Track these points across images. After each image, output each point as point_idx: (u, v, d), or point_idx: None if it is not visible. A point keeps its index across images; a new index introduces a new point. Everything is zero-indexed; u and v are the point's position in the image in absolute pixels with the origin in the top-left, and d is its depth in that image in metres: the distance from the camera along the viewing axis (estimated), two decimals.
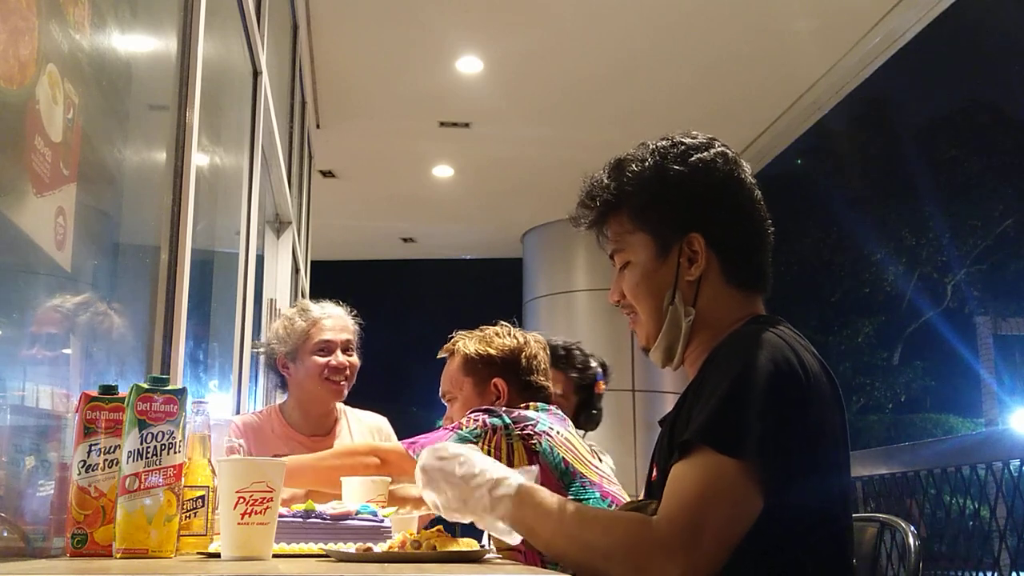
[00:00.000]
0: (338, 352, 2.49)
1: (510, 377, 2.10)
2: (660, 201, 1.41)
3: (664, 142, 1.45)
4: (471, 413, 1.96)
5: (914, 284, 18.05)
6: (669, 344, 1.41)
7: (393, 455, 1.97)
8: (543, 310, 8.06)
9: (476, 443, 1.91)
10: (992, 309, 17.77)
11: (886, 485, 4.70)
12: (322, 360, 2.47)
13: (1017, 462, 3.98)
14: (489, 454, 1.91)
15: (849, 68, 5.44)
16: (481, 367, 2.11)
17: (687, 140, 1.44)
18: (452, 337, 2.21)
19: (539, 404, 2.06)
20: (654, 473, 1.40)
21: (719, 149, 1.44)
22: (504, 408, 1.97)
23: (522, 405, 2.05)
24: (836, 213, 17.84)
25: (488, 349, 2.12)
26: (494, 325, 2.21)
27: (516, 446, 1.88)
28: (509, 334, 2.16)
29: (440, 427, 2.05)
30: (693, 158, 1.41)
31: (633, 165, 1.44)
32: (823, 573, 1.27)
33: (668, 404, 1.72)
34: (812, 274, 18.19)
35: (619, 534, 1.19)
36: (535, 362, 2.14)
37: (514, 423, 1.90)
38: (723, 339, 1.33)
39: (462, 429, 1.92)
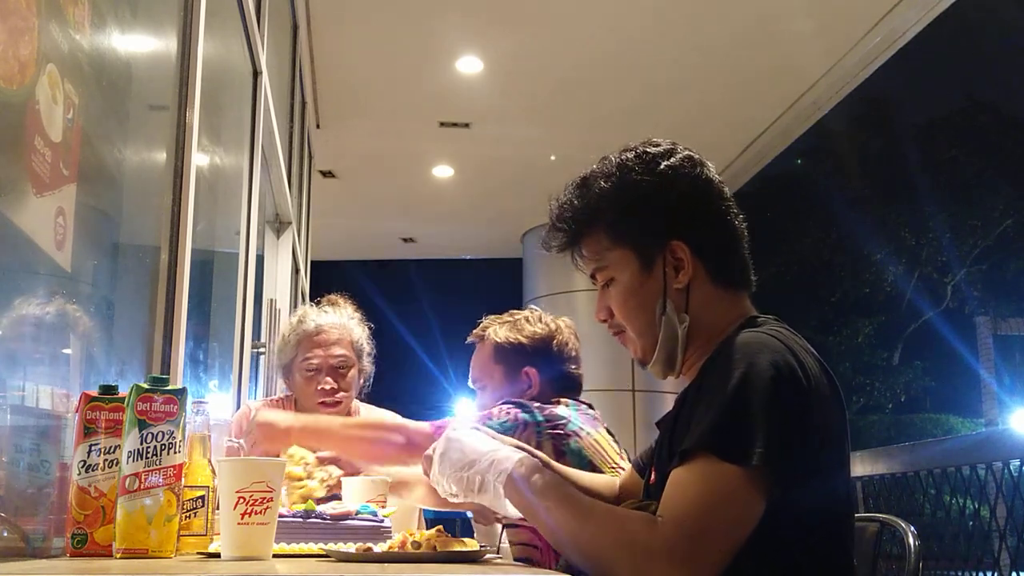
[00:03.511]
0: (327, 377, 2.40)
1: (541, 365, 2.05)
2: (635, 214, 1.39)
3: (628, 154, 1.43)
4: (503, 404, 1.93)
5: (914, 284, 18.04)
6: (668, 354, 1.39)
7: (419, 436, 1.90)
8: (543, 310, 8.05)
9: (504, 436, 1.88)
10: (992, 309, 17.75)
11: (886, 485, 4.70)
12: (310, 383, 2.40)
13: (1017, 462, 3.97)
14: None
15: (849, 68, 5.44)
16: (512, 355, 2.06)
17: (650, 149, 1.43)
18: (482, 322, 2.15)
19: (570, 401, 2.02)
20: (652, 475, 1.40)
21: (684, 153, 1.43)
22: (537, 404, 1.93)
23: (554, 400, 2.01)
24: (836, 213, 17.82)
25: (519, 337, 2.07)
26: (524, 309, 2.16)
27: (545, 444, 1.85)
28: (540, 320, 2.11)
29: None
30: (661, 166, 1.40)
31: (601, 181, 1.42)
32: (824, 573, 1.27)
33: (668, 404, 1.72)
34: (812, 274, 18.17)
35: (625, 532, 1.19)
36: (567, 349, 2.10)
37: (546, 421, 1.88)
38: (721, 343, 1.32)
39: (492, 419, 1.88)
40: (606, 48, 5.30)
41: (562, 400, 2.02)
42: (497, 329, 2.10)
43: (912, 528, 1.61)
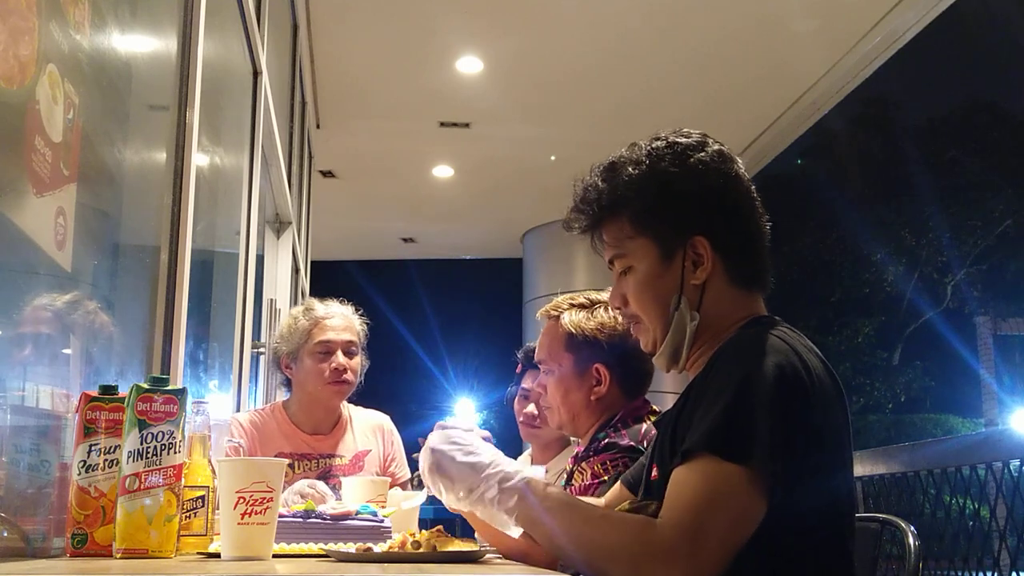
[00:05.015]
0: (339, 353, 2.47)
1: (613, 363, 1.90)
2: (661, 205, 1.37)
3: (659, 143, 1.41)
4: (610, 453, 1.80)
5: (914, 284, 18.04)
6: (674, 349, 1.39)
7: None
8: None
9: None
10: (992, 309, 17.75)
11: (886, 485, 4.70)
12: (322, 363, 2.45)
13: (1017, 462, 3.97)
14: None
15: (849, 68, 5.44)
16: (584, 347, 1.91)
17: (682, 140, 1.41)
18: (556, 298, 2.00)
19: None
20: (654, 472, 1.40)
21: (715, 147, 1.41)
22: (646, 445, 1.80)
23: (639, 407, 1.92)
24: (836, 213, 17.82)
25: (594, 329, 1.90)
26: (599, 292, 1.97)
27: None
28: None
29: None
30: (691, 159, 1.38)
31: (629, 168, 1.40)
32: (824, 573, 1.27)
33: (668, 404, 1.68)
34: (812, 274, 18.16)
35: (624, 535, 1.18)
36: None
37: None
38: (725, 342, 1.32)
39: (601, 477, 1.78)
40: (606, 48, 5.30)
41: (649, 415, 1.91)
42: (572, 314, 1.94)
43: (912, 528, 1.61)
